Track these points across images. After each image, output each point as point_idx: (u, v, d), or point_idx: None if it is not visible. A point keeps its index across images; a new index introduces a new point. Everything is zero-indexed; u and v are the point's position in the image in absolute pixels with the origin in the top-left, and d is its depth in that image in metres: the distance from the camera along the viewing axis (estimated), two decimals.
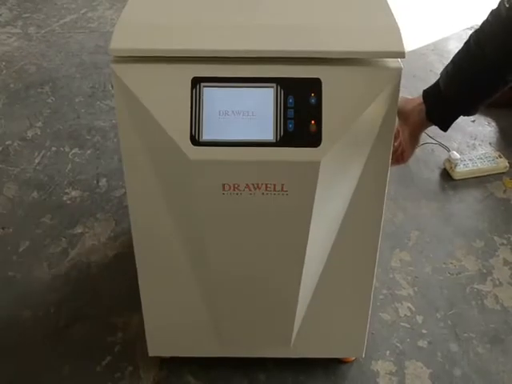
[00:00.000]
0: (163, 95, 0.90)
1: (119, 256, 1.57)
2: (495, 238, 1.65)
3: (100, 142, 2.02)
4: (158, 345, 1.24)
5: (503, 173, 1.87)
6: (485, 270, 1.55)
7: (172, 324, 1.19)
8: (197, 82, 0.89)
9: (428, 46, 2.60)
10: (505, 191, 1.81)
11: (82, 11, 2.90)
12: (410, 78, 2.29)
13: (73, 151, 1.98)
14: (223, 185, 0.93)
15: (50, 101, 2.24)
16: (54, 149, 1.99)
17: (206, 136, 0.89)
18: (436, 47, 2.60)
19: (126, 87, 0.90)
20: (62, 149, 1.99)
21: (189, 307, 1.14)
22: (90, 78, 2.37)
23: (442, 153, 1.95)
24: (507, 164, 1.88)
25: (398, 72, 0.90)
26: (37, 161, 1.93)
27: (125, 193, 1.76)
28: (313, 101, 0.89)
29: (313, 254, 1.03)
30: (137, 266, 1.10)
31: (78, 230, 1.66)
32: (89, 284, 1.50)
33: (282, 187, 0.92)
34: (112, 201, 1.76)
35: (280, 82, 0.89)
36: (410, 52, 2.52)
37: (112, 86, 2.28)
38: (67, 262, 1.56)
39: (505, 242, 1.64)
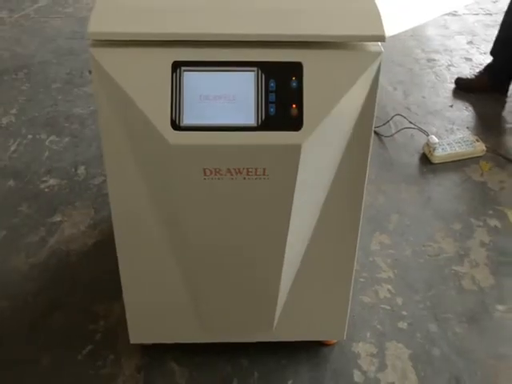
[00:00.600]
0: (143, 80, 0.89)
1: (99, 244, 1.56)
2: (472, 220, 1.68)
3: (78, 130, 1.99)
4: (140, 332, 1.24)
5: (480, 156, 1.91)
6: (462, 252, 1.58)
7: (154, 310, 1.19)
8: (177, 66, 0.89)
9: (406, 31, 2.62)
10: (482, 174, 1.85)
11: None
12: (388, 62, 2.31)
13: (50, 139, 1.95)
14: (204, 169, 0.93)
15: (24, 88, 2.20)
16: (30, 136, 1.96)
17: (186, 120, 0.89)
18: (414, 33, 2.62)
19: (104, 72, 0.89)
20: (38, 136, 1.96)
21: (171, 293, 1.15)
22: (66, 64, 2.33)
23: (421, 137, 1.97)
24: (484, 148, 1.91)
25: (378, 55, 0.91)
26: (12, 149, 1.90)
27: (104, 181, 1.74)
28: (294, 84, 0.89)
29: (294, 237, 1.04)
30: (117, 252, 1.09)
31: (57, 218, 1.64)
32: (68, 273, 1.49)
33: (264, 171, 0.93)
34: (91, 189, 1.74)
35: (261, 65, 0.89)
36: (388, 37, 2.52)
37: (89, 72, 2.25)
38: (45, 250, 1.54)
39: (481, 224, 1.67)
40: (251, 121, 0.89)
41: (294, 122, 0.89)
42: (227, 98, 0.89)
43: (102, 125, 0.95)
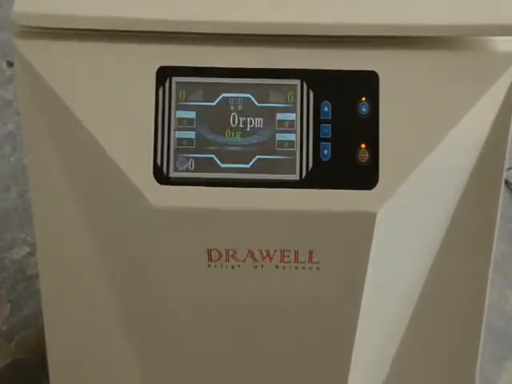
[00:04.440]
0: (106, 96, 0.93)
1: (15, 367, 1.58)
2: None
3: None
4: None
5: None
6: None
7: None
8: (165, 74, 0.92)
9: None
10: None
11: None
12: None
13: None
14: (209, 251, 0.95)
15: None
16: None
17: (180, 168, 0.92)
18: None
19: (38, 77, 0.93)
20: None
21: None
22: None
23: None
24: None
25: None
26: None
27: (29, 253, 1.78)
28: (364, 110, 0.92)
29: (362, 364, 1.06)
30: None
31: None
32: None
33: (311, 256, 0.96)
34: (6, 267, 1.78)
35: (308, 77, 0.92)
36: None
37: (9, 65, 2.31)
38: None
39: None
40: (291, 171, 0.92)
41: (364, 174, 0.92)
42: (249, 131, 0.92)
43: (31, 163, 1.00)
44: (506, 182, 1.97)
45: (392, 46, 0.93)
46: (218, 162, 0.93)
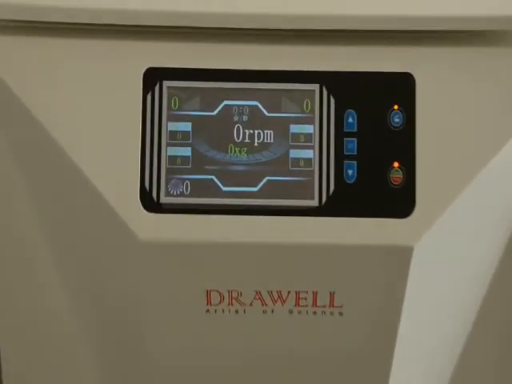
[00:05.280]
0: (82, 104, 0.90)
1: None
2: None
3: None
4: None
5: None
6: None
7: None
8: (155, 77, 0.90)
9: None
10: None
11: None
12: None
13: None
14: (208, 293, 0.92)
15: None
16: None
17: (173, 192, 0.88)
18: None
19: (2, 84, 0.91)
20: None
21: None
22: None
23: None
24: None
25: None
26: None
27: None
28: (397, 120, 0.88)
29: None
30: None
31: None
32: None
33: (332, 299, 0.91)
34: None
35: (328, 80, 0.89)
36: None
37: None
38: None
39: None
40: (308, 196, 0.87)
41: (398, 199, 0.88)
42: (257, 146, 0.89)
43: None
44: None
45: (431, 43, 0.91)
46: (220, 184, 0.90)
